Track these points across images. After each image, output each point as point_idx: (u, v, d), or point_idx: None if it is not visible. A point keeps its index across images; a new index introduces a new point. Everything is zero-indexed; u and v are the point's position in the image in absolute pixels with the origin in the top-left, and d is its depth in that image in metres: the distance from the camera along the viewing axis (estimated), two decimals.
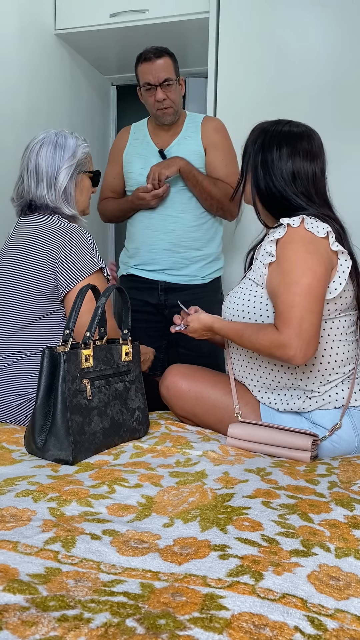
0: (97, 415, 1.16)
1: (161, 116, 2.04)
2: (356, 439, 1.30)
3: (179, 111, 2.07)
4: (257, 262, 1.38)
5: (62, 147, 1.49)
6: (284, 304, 1.23)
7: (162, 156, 2.07)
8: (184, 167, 1.97)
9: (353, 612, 0.62)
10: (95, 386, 1.17)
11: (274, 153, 1.34)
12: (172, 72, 2.00)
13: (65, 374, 1.10)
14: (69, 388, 1.10)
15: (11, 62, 2.51)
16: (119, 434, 1.22)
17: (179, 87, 2.06)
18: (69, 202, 1.50)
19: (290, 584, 0.67)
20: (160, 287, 2.09)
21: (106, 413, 1.19)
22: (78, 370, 1.13)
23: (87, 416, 1.14)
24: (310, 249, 1.25)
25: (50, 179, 1.47)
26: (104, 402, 1.19)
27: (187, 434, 1.32)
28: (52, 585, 0.63)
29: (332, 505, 0.92)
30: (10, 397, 1.40)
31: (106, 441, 1.18)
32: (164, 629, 0.55)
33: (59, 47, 2.89)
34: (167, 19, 2.66)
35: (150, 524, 0.82)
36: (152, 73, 1.99)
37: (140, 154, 2.12)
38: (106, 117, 3.49)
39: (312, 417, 1.31)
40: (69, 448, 1.08)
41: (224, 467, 1.10)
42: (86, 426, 1.13)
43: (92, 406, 1.16)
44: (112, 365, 1.23)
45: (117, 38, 2.87)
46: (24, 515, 0.81)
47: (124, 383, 1.27)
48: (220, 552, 0.74)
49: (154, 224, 2.08)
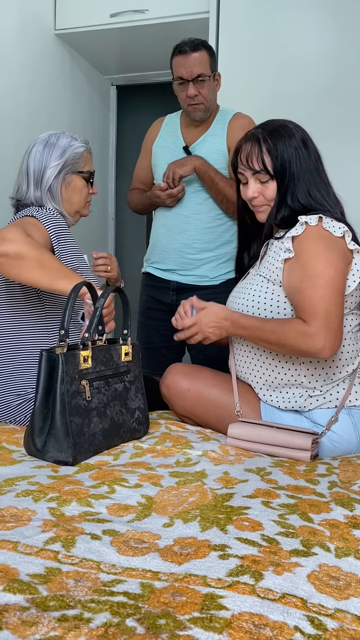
0: (97, 416, 1.15)
1: (191, 112, 1.98)
2: (357, 439, 1.30)
3: (210, 108, 2.00)
4: (268, 259, 1.38)
5: (51, 146, 1.49)
6: (309, 298, 1.22)
7: (186, 152, 2.02)
8: (199, 167, 1.92)
9: (353, 612, 0.62)
10: (94, 387, 1.16)
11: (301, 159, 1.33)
12: (207, 68, 1.93)
13: (64, 375, 1.08)
14: (68, 389, 1.09)
15: (11, 62, 2.51)
16: (119, 435, 1.22)
17: (214, 83, 1.99)
18: (54, 200, 1.49)
19: (290, 583, 0.67)
20: (172, 287, 2.08)
21: (105, 414, 1.18)
22: (77, 371, 1.12)
23: (87, 417, 1.13)
24: (329, 245, 1.25)
25: (37, 178, 1.48)
26: (104, 403, 1.18)
27: (187, 434, 1.32)
28: (52, 585, 0.63)
29: (332, 505, 0.92)
30: (10, 397, 1.40)
31: (106, 442, 1.18)
32: (164, 629, 0.55)
33: (59, 47, 2.90)
34: (167, 19, 2.66)
35: (150, 524, 0.82)
36: (186, 67, 1.91)
37: (168, 147, 2.07)
38: (106, 117, 3.49)
39: (312, 416, 1.32)
40: (68, 449, 1.08)
41: (224, 467, 1.10)
42: (85, 427, 1.12)
43: (91, 407, 1.14)
44: (111, 365, 1.22)
45: (117, 38, 2.87)
46: (24, 516, 0.81)
47: (124, 383, 1.25)
48: (220, 552, 0.74)
49: (168, 223, 2.06)
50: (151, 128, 2.18)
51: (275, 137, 1.34)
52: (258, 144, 1.34)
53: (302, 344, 1.21)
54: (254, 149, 1.34)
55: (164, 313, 2.08)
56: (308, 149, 1.35)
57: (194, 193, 2.00)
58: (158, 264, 2.11)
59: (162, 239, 2.08)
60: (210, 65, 1.95)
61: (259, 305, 1.34)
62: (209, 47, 1.97)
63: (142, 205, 2.15)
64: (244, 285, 1.44)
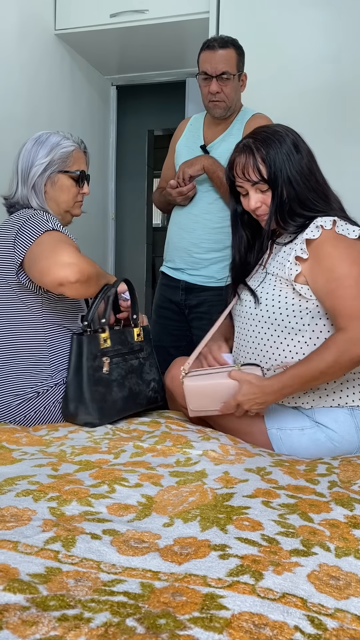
0: (117, 387, 1.40)
1: (212, 108, 1.97)
2: (358, 439, 1.30)
3: (232, 107, 1.98)
4: (278, 258, 1.37)
5: (40, 144, 1.49)
6: (341, 299, 1.22)
7: (203, 151, 2.02)
8: (207, 167, 1.92)
9: (353, 612, 0.62)
10: (114, 363, 1.41)
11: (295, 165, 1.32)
12: (233, 66, 1.92)
13: (89, 353, 1.35)
14: (92, 364, 1.35)
15: (11, 62, 2.51)
16: (137, 401, 1.46)
17: (239, 83, 1.98)
18: (38, 198, 1.49)
19: (290, 583, 0.67)
20: (181, 286, 2.08)
21: (124, 384, 1.42)
22: (98, 350, 1.37)
23: (108, 387, 1.38)
24: (349, 244, 1.26)
25: (24, 174, 1.48)
26: (122, 376, 1.42)
27: (187, 433, 1.32)
28: (52, 584, 0.63)
29: (332, 505, 0.92)
30: (9, 397, 1.40)
31: (126, 407, 1.42)
32: (164, 629, 0.55)
33: (59, 47, 2.89)
34: (167, 19, 2.66)
35: (150, 524, 0.82)
36: (211, 63, 1.90)
37: (189, 146, 2.08)
38: (106, 117, 3.49)
39: (314, 415, 1.32)
40: (94, 412, 1.33)
41: (224, 467, 1.10)
42: (107, 395, 1.37)
43: (112, 379, 1.39)
44: (127, 345, 1.47)
45: (117, 38, 2.87)
46: (24, 515, 0.81)
47: (139, 359, 1.49)
48: (220, 551, 0.74)
49: (180, 222, 2.07)
50: (178, 127, 2.19)
51: (267, 145, 1.32)
52: (252, 154, 1.32)
53: (353, 353, 1.18)
54: (249, 160, 1.33)
55: (174, 312, 2.12)
56: (300, 152, 1.33)
57: (205, 193, 2.00)
58: (170, 262, 2.13)
59: (174, 237, 2.10)
60: (237, 65, 1.94)
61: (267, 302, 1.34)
62: (239, 46, 1.96)
63: (161, 203, 2.17)
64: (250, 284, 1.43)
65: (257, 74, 2.41)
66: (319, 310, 1.30)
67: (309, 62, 2.36)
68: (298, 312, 1.31)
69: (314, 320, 1.30)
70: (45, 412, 1.40)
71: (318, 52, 2.35)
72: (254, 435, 1.34)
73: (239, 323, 1.45)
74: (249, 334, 1.39)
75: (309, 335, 1.30)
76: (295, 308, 1.31)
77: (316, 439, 1.30)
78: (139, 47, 2.97)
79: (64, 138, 1.52)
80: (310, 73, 2.36)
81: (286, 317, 1.31)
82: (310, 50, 2.36)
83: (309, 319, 1.30)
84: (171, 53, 3.02)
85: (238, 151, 1.37)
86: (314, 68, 2.35)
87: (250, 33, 2.41)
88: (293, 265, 1.29)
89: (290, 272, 1.29)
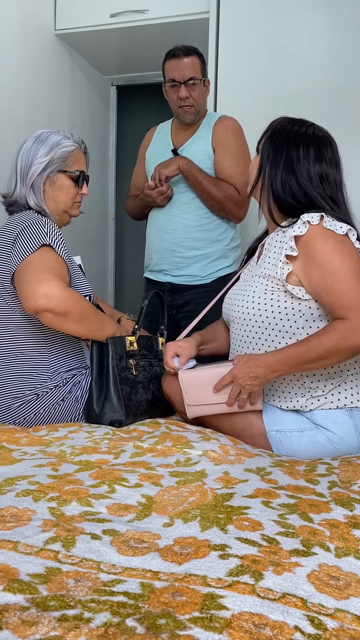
0: (142, 389, 1.46)
1: (182, 114, 2.04)
2: (357, 441, 1.30)
3: (200, 111, 2.07)
4: (268, 259, 1.37)
5: (40, 142, 1.49)
6: (338, 294, 1.22)
7: (174, 154, 2.07)
8: (183, 167, 1.97)
9: (353, 612, 0.62)
10: (140, 366, 1.48)
11: (300, 152, 1.34)
12: (199, 72, 2.01)
13: (113, 353, 1.41)
14: (117, 364, 1.41)
15: (11, 62, 2.51)
16: (158, 406, 1.50)
17: (204, 88, 2.06)
18: (36, 197, 1.48)
19: (290, 583, 0.67)
20: (167, 288, 2.11)
21: (149, 388, 1.48)
22: (124, 351, 1.44)
23: (134, 388, 1.43)
24: (338, 239, 1.26)
25: (23, 173, 1.48)
26: (147, 379, 1.48)
27: (187, 434, 1.32)
28: (52, 585, 0.63)
29: (332, 505, 0.92)
30: (8, 399, 1.40)
31: (149, 409, 1.46)
32: (164, 629, 0.55)
33: (59, 47, 2.90)
34: (167, 19, 2.66)
35: (150, 524, 0.82)
36: (178, 70, 1.99)
37: (159, 152, 2.13)
38: (106, 117, 3.49)
39: (313, 416, 1.31)
40: (121, 410, 1.37)
41: (224, 467, 1.10)
42: (133, 395, 1.42)
43: (138, 381, 1.46)
44: (152, 352, 1.55)
45: (117, 38, 2.88)
46: (24, 515, 0.81)
47: (161, 367, 1.53)
48: (220, 551, 0.74)
49: (158, 224, 2.11)
50: (145, 137, 2.27)
51: (271, 141, 1.38)
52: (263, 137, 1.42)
53: (353, 342, 1.19)
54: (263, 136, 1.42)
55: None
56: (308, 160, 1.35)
57: (181, 194, 2.05)
58: (152, 267, 2.16)
59: (154, 240, 2.13)
60: (201, 71, 2.03)
61: (260, 307, 1.34)
62: (200, 53, 2.05)
63: (137, 209, 2.20)
64: (241, 288, 1.43)
65: (256, 74, 2.41)
66: (312, 313, 1.30)
67: (308, 62, 2.36)
68: (291, 316, 1.30)
69: (307, 323, 1.30)
70: (45, 414, 1.40)
71: (318, 52, 2.35)
72: (254, 438, 1.34)
73: (233, 328, 1.45)
74: (243, 339, 1.39)
75: (303, 338, 1.30)
76: (288, 311, 1.31)
77: (315, 441, 1.30)
78: (139, 47, 2.97)
79: (64, 137, 1.51)
80: (309, 73, 2.36)
81: (280, 321, 1.31)
82: (309, 50, 2.36)
83: (303, 322, 1.30)
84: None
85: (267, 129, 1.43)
86: (313, 68, 2.35)
87: (250, 33, 2.42)
88: (284, 265, 1.29)
89: (282, 271, 1.29)
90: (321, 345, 1.21)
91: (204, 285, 2.07)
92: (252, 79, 2.42)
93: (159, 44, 2.89)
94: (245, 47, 2.42)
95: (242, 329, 1.39)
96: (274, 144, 1.38)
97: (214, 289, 2.11)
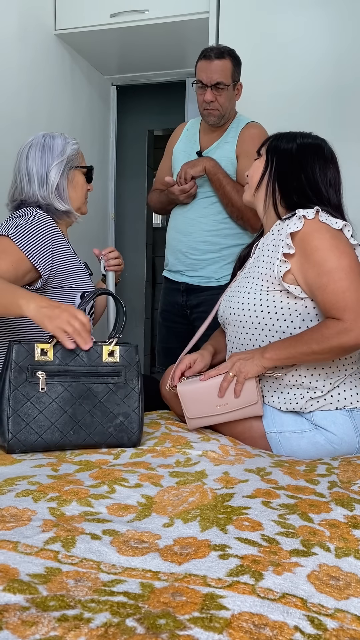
0: (49, 410, 1.15)
1: (206, 115, 2.02)
2: (357, 441, 1.30)
3: (226, 115, 2.03)
4: (263, 258, 1.37)
5: (49, 147, 1.49)
6: (333, 293, 1.22)
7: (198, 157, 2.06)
8: (209, 168, 1.96)
9: (353, 612, 0.62)
10: (55, 381, 1.17)
11: (308, 150, 1.39)
12: (228, 77, 1.96)
13: (14, 364, 1.14)
14: (16, 377, 1.13)
15: (11, 62, 2.51)
16: (82, 435, 1.17)
17: (233, 92, 2.02)
18: (62, 198, 1.49)
19: (290, 583, 0.67)
20: (182, 288, 2.13)
21: (63, 409, 1.16)
22: (29, 362, 1.15)
23: (35, 408, 1.14)
24: (334, 235, 1.26)
25: (41, 178, 1.48)
26: (64, 399, 1.17)
27: (187, 434, 1.32)
28: (52, 585, 0.63)
29: (332, 505, 0.92)
30: None
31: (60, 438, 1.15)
32: (164, 629, 0.55)
33: (59, 47, 2.89)
34: (167, 19, 2.66)
35: (150, 524, 0.82)
36: (207, 72, 1.95)
37: (186, 151, 2.12)
38: (106, 117, 3.49)
39: (313, 417, 1.31)
40: (6, 434, 1.11)
41: (224, 467, 1.10)
42: (30, 417, 1.13)
43: (44, 399, 1.15)
44: (83, 363, 1.20)
45: (117, 38, 2.87)
46: (24, 515, 0.81)
47: (107, 385, 1.21)
48: (220, 552, 0.74)
49: (177, 225, 2.12)
50: (174, 132, 2.24)
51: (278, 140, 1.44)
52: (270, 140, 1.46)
53: (345, 342, 1.19)
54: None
55: (178, 315, 2.18)
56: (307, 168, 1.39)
57: (202, 198, 2.05)
58: (170, 266, 2.19)
59: (172, 241, 2.15)
60: (232, 75, 1.98)
61: (255, 307, 1.34)
62: (236, 56, 1.99)
63: (160, 203, 2.20)
64: (235, 290, 1.43)
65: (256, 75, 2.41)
66: (308, 312, 1.30)
67: (309, 63, 2.36)
68: (288, 315, 1.30)
69: (304, 322, 1.30)
70: None
71: (318, 52, 2.35)
72: (253, 439, 1.34)
73: (229, 330, 1.45)
74: (240, 341, 1.39)
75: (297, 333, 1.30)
76: (284, 311, 1.31)
77: (315, 442, 1.30)
78: (139, 47, 2.97)
79: (64, 137, 1.53)
80: (310, 73, 2.36)
81: (276, 322, 1.31)
82: (310, 51, 2.36)
83: (300, 321, 1.30)
84: (171, 53, 3.02)
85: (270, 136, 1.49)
86: (313, 68, 2.35)
87: (250, 33, 2.42)
88: (282, 263, 1.29)
89: (279, 269, 1.29)
90: (314, 341, 1.22)
91: (217, 287, 2.05)
92: (251, 79, 2.41)
93: (159, 44, 2.90)
94: (245, 47, 2.42)
95: (239, 330, 1.39)
96: (281, 142, 1.41)
97: None
